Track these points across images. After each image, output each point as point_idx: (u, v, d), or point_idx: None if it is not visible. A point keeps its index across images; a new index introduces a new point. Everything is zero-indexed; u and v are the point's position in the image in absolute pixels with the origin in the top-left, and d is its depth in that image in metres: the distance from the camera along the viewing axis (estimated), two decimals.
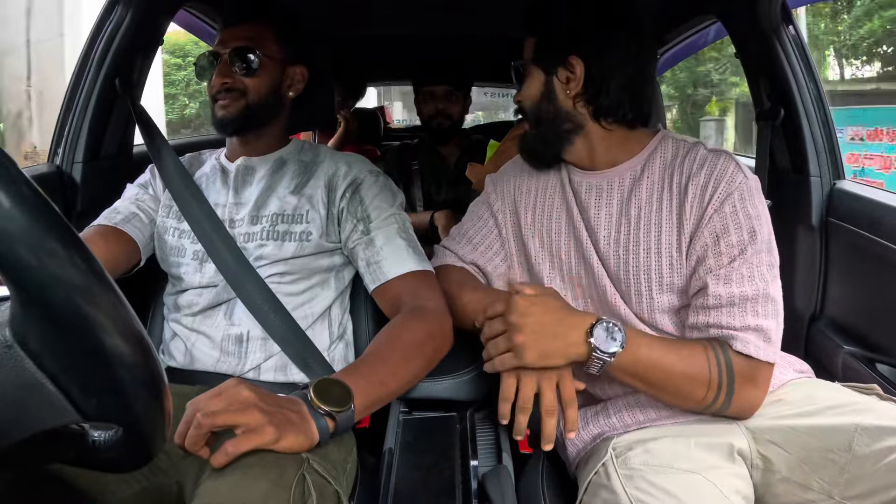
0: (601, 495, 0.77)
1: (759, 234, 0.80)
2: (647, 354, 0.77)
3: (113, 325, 0.37)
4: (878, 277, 1.20)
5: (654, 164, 0.88)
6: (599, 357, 0.75)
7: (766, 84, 1.41)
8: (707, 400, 0.78)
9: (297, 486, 0.66)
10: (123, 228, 1.00)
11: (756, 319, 0.78)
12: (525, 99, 0.93)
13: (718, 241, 0.80)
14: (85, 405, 0.39)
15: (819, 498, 0.76)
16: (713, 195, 0.81)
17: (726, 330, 0.78)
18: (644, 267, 0.84)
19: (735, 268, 0.79)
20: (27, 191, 0.34)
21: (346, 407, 0.72)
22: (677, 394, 0.79)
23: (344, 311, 1.04)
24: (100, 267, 0.37)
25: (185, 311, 0.98)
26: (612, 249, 0.87)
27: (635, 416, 0.86)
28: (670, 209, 0.84)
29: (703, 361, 0.77)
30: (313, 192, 0.99)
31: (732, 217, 0.80)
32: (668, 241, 0.84)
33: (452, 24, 2.06)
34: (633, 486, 0.74)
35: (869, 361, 1.17)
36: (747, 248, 0.79)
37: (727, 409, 0.79)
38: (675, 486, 0.72)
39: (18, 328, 0.37)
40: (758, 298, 0.78)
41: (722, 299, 0.78)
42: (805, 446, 0.78)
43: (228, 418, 0.66)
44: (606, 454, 0.81)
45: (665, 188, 0.85)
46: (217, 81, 0.98)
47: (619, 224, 0.87)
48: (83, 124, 1.28)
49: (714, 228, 0.80)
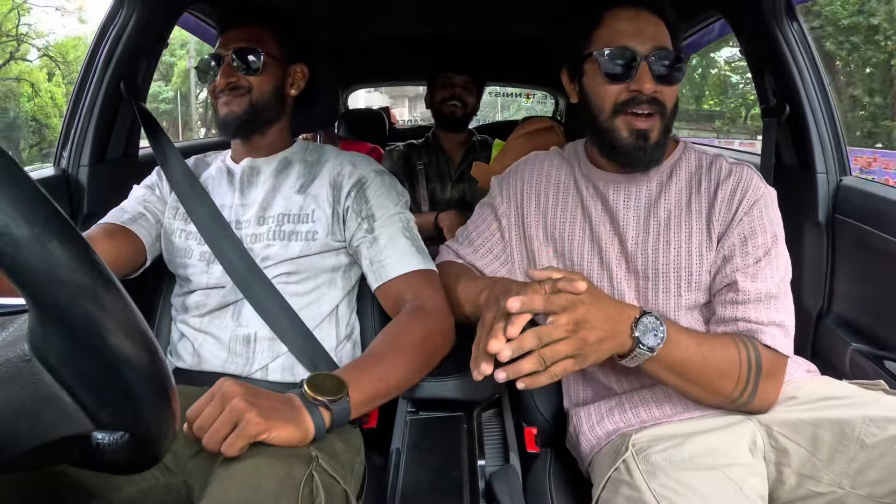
0: (622, 491, 0.77)
1: (779, 238, 0.86)
2: (685, 348, 0.77)
3: (124, 333, 0.37)
4: (885, 274, 1.20)
5: (681, 171, 0.92)
6: (641, 352, 0.74)
7: (772, 80, 1.40)
8: (734, 394, 0.80)
9: (306, 485, 0.66)
10: (131, 227, 1.01)
11: (779, 315, 0.82)
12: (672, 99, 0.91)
13: (746, 242, 0.84)
14: (99, 415, 0.39)
15: (829, 489, 0.77)
16: (742, 200, 0.86)
17: (754, 324, 0.82)
18: (674, 265, 0.87)
19: (761, 267, 0.83)
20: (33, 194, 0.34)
21: (339, 396, 0.72)
22: (707, 387, 0.80)
23: (351, 310, 1.04)
24: (108, 272, 0.37)
25: (193, 312, 0.99)
26: (641, 249, 0.89)
27: (651, 411, 0.87)
28: (700, 212, 0.88)
29: (734, 355, 0.79)
30: (319, 191, 0.99)
31: (759, 221, 0.85)
32: (697, 241, 0.87)
33: (465, 25, 2.08)
34: (657, 483, 0.74)
35: (877, 358, 1.16)
36: (771, 250, 0.84)
37: (750, 404, 0.81)
38: (699, 483, 0.73)
39: (37, 342, 0.37)
40: (779, 296, 0.83)
41: (750, 295, 0.83)
42: (814, 438, 0.79)
43: (219, 423, 0.66)
44: (627, 450, 0.81)
45: (693, 193, 0.90)
46: (222, 81, 0.99)
47: (647, 225, 0.90)
48: (88, 127, 1.29)
49: (743, 230, 0.85)
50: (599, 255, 0.91)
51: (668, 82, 0.85)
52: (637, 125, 0.85)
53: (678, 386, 0.81)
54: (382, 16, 1.96)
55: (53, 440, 0.39)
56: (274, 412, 0.68)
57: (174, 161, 1.07)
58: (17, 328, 0.39)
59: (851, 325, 1.29)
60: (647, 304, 0.88)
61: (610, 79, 0.86)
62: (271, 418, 0.67)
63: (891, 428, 0.74)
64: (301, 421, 0.69)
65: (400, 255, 0.94)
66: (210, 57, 1.02)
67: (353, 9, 1.83)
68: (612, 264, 0.90)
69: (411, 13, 1.93)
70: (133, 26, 1.28)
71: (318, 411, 0.71)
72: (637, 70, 0.84)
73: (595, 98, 0.88)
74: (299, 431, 0.69)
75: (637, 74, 0.84)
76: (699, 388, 0.80)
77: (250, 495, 0.61)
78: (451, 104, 1.98)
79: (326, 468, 0.70)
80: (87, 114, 1.29)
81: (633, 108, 0.85)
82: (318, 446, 0.71)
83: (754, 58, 1.45)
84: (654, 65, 0.84)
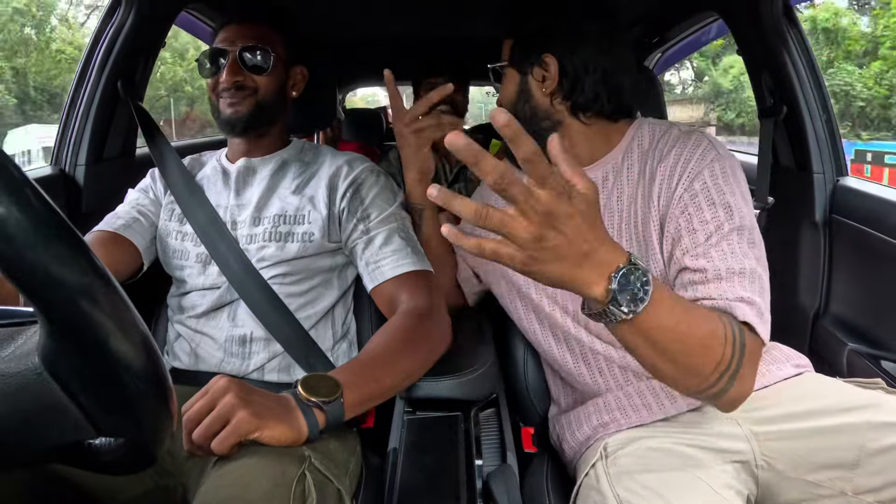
0: (592, 497, 0.76)
1: (735, 211, 0.75)
2: (669, 313, 0.61)
3: (127, 340, 0.38)
4: (882, 274, 1.20)
5: (633, 154, 0.87)
6: (613, 312, 0.57)
7: (769, 81, 1.40)
8: (713, 376, 0.66)
9: (298, 485, 0.65)
10: (124, 234, 0.99)
11: (745, 293, 0.71)
12: (504, 100, 0.93)
13: (692, 220, 0.76)
14: (103, 423, 0.40)
15: (830, 493, 0.76)
16: (682, 174, 0.78)
17: (719, 300, 0.71)
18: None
19: (713, 244, 0.74)
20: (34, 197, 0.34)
21: (333, 397, 0.71)
22: (685, 365, 0.65)
23: (347, 310, 1.04)
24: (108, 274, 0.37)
25: (189, 312, 0.98)
26: None
27: (627, 415, 0.85)
28: (645, 196, 0.82)
29: (720, 329, 0.66)
30: (314, 192, 0.99)
31: (704, 193, 0.76)
32: (648, 231, 0.81)
33: (448, 27, 2.09)
34: (622, 487, 0.73)
35: (873, 358, 1.16)
36: (724, 224, 0.74)
37: (726, 393, 0.67)
38: (664, 484, 0.71)
39: (48, 355, 0.38)
40: (745, 273, 0.72)
41: (708, 273, 0.73)
42: (814, 447, 0.77)
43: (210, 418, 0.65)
44: (596, 454, 0.80)
45: (640, 175, 0.84)
46: (228, 79, 0.97)
47: (611, 222, 0.86)
48: (86, 127, 1.29)
49: (686, 207, 0.76)
50: None
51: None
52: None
53: (650, 359, 0.64)
54: (380, 16, 1.96)
55: (55, 445, 0.40)
56: (267, 411, 0.67)
57: (171, 161, 1.07)
58: (26, 340, 0.40)
59: (848, 325, 1.30)
60: None
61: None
62: (264, 417, 0.66)
63: (894, 433, 0.73)
64: (294, 421, 0.69)
65: (396, 255, 0.94)
66: (213, 50, 1.00)
67: (350, 9, 1.83)
68: None
69: (408, 14, 1.93)
70: (131, 25, 1.27)
71: (311, 412, 0.70)
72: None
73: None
74: (292, 432, 0.68)
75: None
76: (674, 365, 0.64)
77: (242, 495, 0.61)
78: (440, 108, 2.00)
79: (319, 467, 0.70)
80: (85, 113, 1.29)
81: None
82: (312, 446, 0.71)
83: (752, 58, 1.45)
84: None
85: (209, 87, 1.01)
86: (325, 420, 0.71)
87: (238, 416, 0.65)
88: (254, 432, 0.66)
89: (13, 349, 0.39)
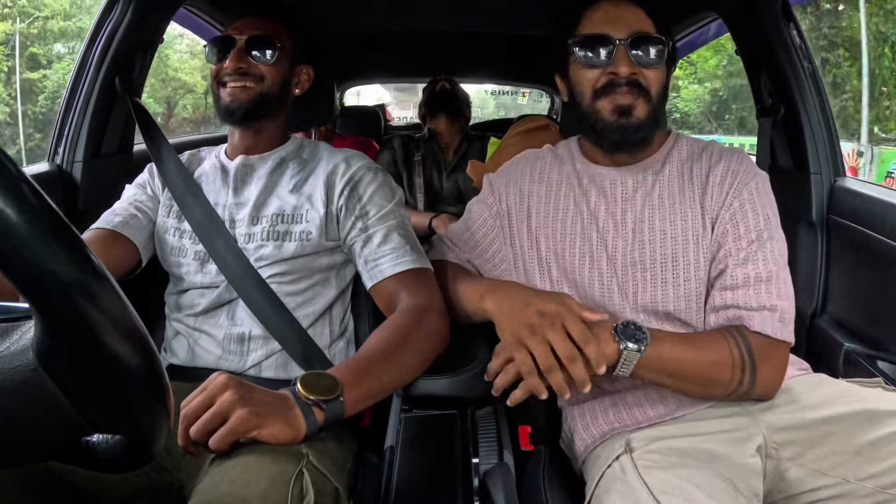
0: (616, 488, 0.77)
1: (772, 220, 0.87)
2: (670, 346, 0.79)
3: (124, 337, 0.38)
4: (879, 274, 1.20)
5: (673, 160, 0.94)
6: (629, 355, 0.76)
7: (767, 81, 1.41)
8: (734, 382, 0.80)
9: (296, 483, 0.65)
10: (122, 231, 0.99)
11: (770, 300, 0.82)
12: (655, 95, 0.92)
13: (738, 226, 0.86)
14: (98, 420, 0.40)
15: (834, 482, 0.78)
16: (733, 184, 0.88)
17: (743, 310, 0.82)
18: (672, 255, 0.88)
19: (752, 251, 0.84)
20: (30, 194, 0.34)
21: (333, 396, 0.71)
22: (706, 381, 0.81)
23: (345, 309, 1.04)
24: (104, 271, 0.37)
25: (187, 310, 0.98)
26: (637, 240, 0.90)
27: (646, 411, 0.88)
28: (693, 198, 0.90)
29: (724, 345, 0.80)
30: (312, 190, 0.98)
31: (750, 204, 0.86)
32: (693, 229, 0.88)
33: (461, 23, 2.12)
34: (653, 479, 0.75)
35: (870, 358, 1.17)
36: (763, 232, 0.85)
37: (753, 391, 0.81)
38: (691, 480, 0.73)
39: (43, 352, 0.37)
40: (771, 280, 0.83)
41: (738, 280, 0.84)
42: (819, 435, 0.79)
43: (209, 414, 0.65)
44: (621, 449, 0.82)
45: (686, 180, 0.91)
46: (232, 65, 0.97)
47: (642, 216, 0.91)
48: (83, 123, 1.28)
49: (734, 214, 0.86)
50: (592, 251, 0.91)
51: (647, 65, 0.87)
52: (619, 101, 0.87)
53: (674, 385, 0.82)
54: (380, 14, 1.96)
55: (50, 442, 0.40)
56: (266, 409, 0.67)
57: (169, 157, 1.06)
58: (21, 336, 0.40)
59: (845, 325, 1.30)
60: (646, 295, 0.89)
61: (587, 65, 0.89)
62: (263, 415, 0.66)
63: (893, 421, 0.76)
64: (293, 419, 0.69)
65: (395, 253, 0.94)
66: (221, 38, 1.00)
67: (350, 7, 1.82)
68: (608, 257, 0.90)
69: (407, 11, 1.93)
70: (129, 22, 1.27)
71: (311, 411, 0.70)
72: (614, 55, 0.87)
73: (577, 87, 0.91)
74: (291, 430, 0.68)
75: (614, 58, 0.87)
76: (696, 384, 0.81)
77: (240, 492, 0.61)
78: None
79: (317, 465, 0.70)
80: (83, 109, 1.28)
81: (613, 91, 0.87)
82: (309, 444, 0.71)
83: (750, 58, 1.45)
84: (630, 48, 0.86)
85: (212, 76, 1.01)
86: (324, 418, 0.71)
87: (237, 413, 0.65)
88: (252, 430, 0.66)
89: (8, 345, 0.39)
